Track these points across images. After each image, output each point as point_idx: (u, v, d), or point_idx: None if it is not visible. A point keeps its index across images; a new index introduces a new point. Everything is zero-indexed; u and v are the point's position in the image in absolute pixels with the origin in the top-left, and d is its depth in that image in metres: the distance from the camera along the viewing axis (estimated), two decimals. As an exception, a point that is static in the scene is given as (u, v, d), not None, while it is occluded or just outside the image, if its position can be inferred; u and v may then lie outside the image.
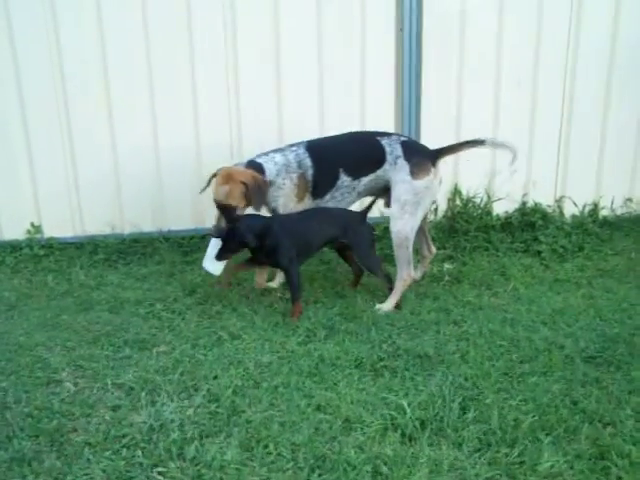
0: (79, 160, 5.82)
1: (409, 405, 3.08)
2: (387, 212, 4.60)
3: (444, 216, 5.96)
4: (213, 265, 4.45)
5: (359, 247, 4.45)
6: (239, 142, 5.81)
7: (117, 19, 5.54)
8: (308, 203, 4.58)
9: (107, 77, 5.65)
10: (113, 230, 5.96)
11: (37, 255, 5.74)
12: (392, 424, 2.97)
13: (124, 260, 5.62)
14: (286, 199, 4.47)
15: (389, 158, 4.46)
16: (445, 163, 5.62)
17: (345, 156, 4.54)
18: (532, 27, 5.76)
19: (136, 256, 5.67)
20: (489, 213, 5.94)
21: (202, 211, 5.83)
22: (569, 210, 6.11)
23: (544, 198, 6.04)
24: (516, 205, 6.04)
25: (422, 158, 4.47)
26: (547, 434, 2.87)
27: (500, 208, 6.00)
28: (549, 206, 6.05)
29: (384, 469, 2.65)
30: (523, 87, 5.84)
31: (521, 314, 4.24)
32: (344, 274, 5.01)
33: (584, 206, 6.13)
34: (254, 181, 4.27)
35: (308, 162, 4.44)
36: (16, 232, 5.96)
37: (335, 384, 3.35)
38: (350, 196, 4.64)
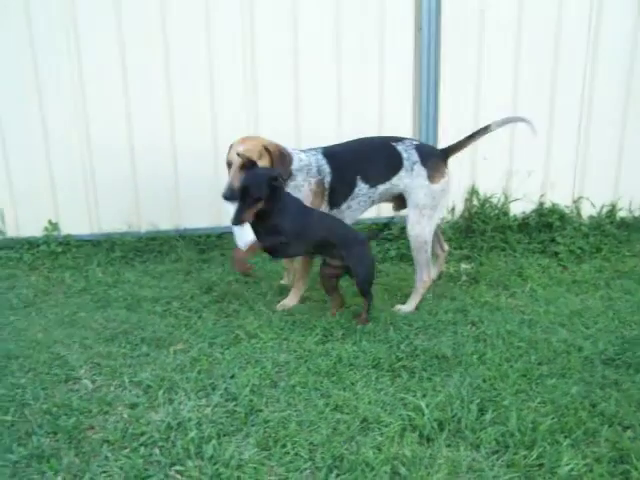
0: (96, 158, 5.85)
1: (427, 406, 3.07)
2: (403, 213, 4.57)
3: (461, 216, 5.95)
4: (245, 240, 4.00)
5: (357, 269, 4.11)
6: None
7: (136, 19, 5.57)
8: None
9: (125, 77, 5.67)
10: (130, 228, 5.98)
11: (54, 252, 5.77)
12: (410, 425, 2.97)
13: (141, 258, 5.63)
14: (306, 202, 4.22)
15: (406, 164, 4.35)
16: (461, 163, 5.66)
17: (362, 163, 4.37)
18: (551, 26, 5.73)
19: (153, 254, 5.69)
20: (506, 213, 5.92)
21: (219, 210, 5.83)
22: (587, 211, 6.08)
23: (562, 199, 6.01)
24: (533, 206, 6.01)
25: (437, 161, 4.38)
26: (566, 437, 2.85)
27: (517, 208, 5.98)
28: (567, 207, 6.02)
29: (402, 470, 2.64)
30: (542, 87, 5.81)
31: (539, 315, 4.22)
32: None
33: (602, 207, 6.10)
34: (277, 149, 4.10)
35: (326, 168, 4.27)
36: (34, 229, 5.98)
37: (353, 384, 3.34)
38: (365, 205, 4.49)
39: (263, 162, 4.00)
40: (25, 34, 5.55)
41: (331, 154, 4.33)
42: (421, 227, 4.34)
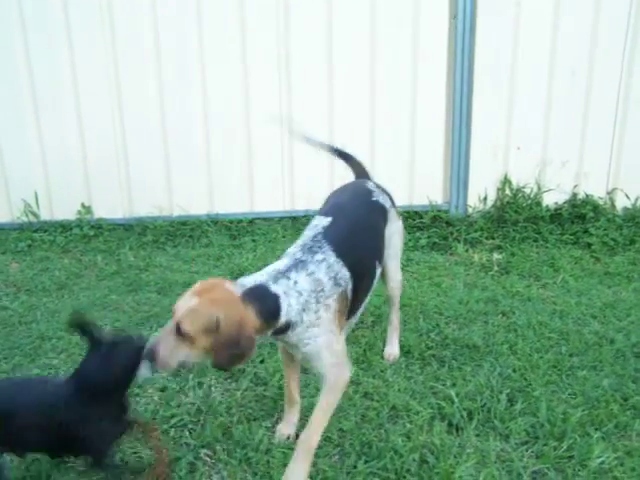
0: (130, 143, 5.88)
1: (457, 395, 3.07)
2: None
3: (493, 206, 5.90)
4: None
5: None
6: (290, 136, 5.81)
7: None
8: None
9: (159, 62, 5.69)
10: (161, 212, 6.01)
11: (87, 235, 5.81)
12: (439, 413, 2.97)
13: (172, 242, 5.66)
14: (327, 338, 2.60)
15: (389, 212, 3.29)
16: (495, 152, 5.63)
17: (368, 239, 3.05)
18: (589, 14, 5.64)
19: (184, 239, 5.71)
20: (539, 204, 5.86)
21: (251, 195, 5.85)
22: (621, 203, 6.00)
23: (595, 190, 5.93)
24: (566, 196, 5.95)
25: (389, 193, 3.44)
26: (597, 429, 2.84)
27: (550, 199, 5.91)
28: (600, 198, 5.94)
29: (431, 458, 2.65)
30: (577, 76, 5.74)
31: (570, 307, 4.19)
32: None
33: (636, 199, 6.01)
34: (235, 329, 2.30)
35: (346, 272, 2.68)
36: (67, 212, 6.04)
37: (382, 372, 3.34)
38: None
39: (203, 341, 2.32)
40: (62, 22, 5.61)
41: (341, 244, 2.75)
42: (399, 272, 3.53)
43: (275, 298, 2.41)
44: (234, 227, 5.85)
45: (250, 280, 2.42)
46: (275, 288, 2.41)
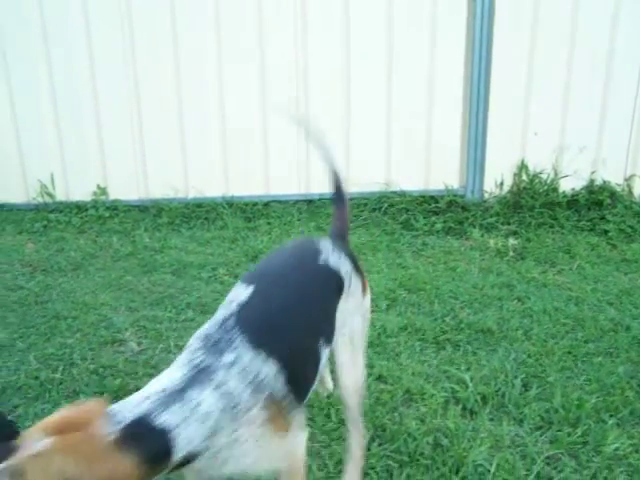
0: (145, 124, 5.89)
1: (471, 379, 3.07)
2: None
3: (509, 191, 5.86)
4: None
5: None
6: (305, 116, 5.80)
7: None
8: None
9: (176, 42, 5.69)
10: (177, 194, 6.02)
11: (102, 216, 5.83)
12: (454, 397, 2.97)
13: (187, 224, 5.66)
14: (259, 453, 1.84)
15: (345, 279, 2.28)
16: (512, 137, 5.59)
17: (308, 312, 2.11)
18: (609, 2, 5.60)
19: (199, 220, 5.71)
20: (555, 190, 5.83)
21: (266, 178, 5.85)
22: (639, 189, 5.96)
23: (613, 176, 5.88)
24: (584, 182, 5.90)
25: (357, 259, 2.46)
26: (611, 416, 2.83)
27: (567, 185, 5.87)
28: (618, 185, 5.90)
29: (444, 441, 2.65)
30: (597, 62, 5.68)
31: (586, 293, 4.17)
32: (407, 244, 4.99)
33: (655, 186, 5.99)
34: None
35: (270, 368, 1.83)
36: (82, 193, 6.06)
37: (397, 355, 3.34)
38: None
39: None
40: (80, 13, 5.61)
41: (257, 327, 1.90)
42: (357, 367, 2.42)
43: (163, 435, 1.59)
44: (249, 210, 5.84)
45: (130, 409, 1.57)
46: (164, 420, 1.59)
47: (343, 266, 2.27)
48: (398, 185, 5.83)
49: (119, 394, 3.01)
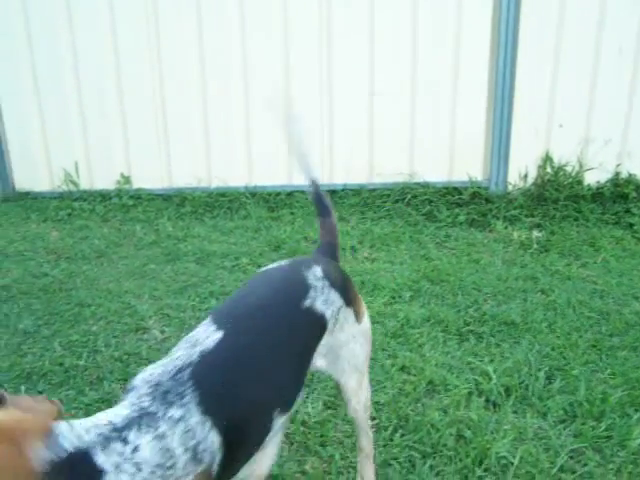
0: (169, 113, 5.91)
1: (494, 371, 3.06)
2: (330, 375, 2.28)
3: (533, 183, 5.83)
4: None
5: None
6: (330, 105, 5.79)
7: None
8: None
9: (200, 29, 5.69)
10: (200, 184, 6.03)
11: (126, 205, 5.85)
12: (477, 389, 2.96)
13: (211, 214, 5.67)
14: None
15: (329, 321, 2.03)
16: (537, 130, 5.55)
17: (281, 377, 1.86)
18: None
19: (222, 210, 5.71)
20: (580, 182, 5.78)
21: (290, 168, 5.84)
22: (665, 183, 5.91)
23: (639, 169, 5.84)
24: (609, 175, 5.85)
25: (350, 283, 2.24)
26: (636, 410, 2.81)
27: (592, 178, 5.82)
28: (644, 178, 5.86)
29: (467, 433, 2.64)
30: (624, 55, 5.63)
31: (611, 287, 4.13)
32: (430, 236, 4.98)
33: (680, 179, 5.93)
34: None
35: (214, 440, 1.59)
36: (106, 182, 6.10)
37: (420, 346, 3.33)
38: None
39: None
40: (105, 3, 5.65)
41: (212, 388, 1.65)
42: (364, 389, 2.31)
43: (98, 476, 1.39)
44: (272, 200, 5.84)
45: (75, 436, 1.39)
46: (102, 461, 1.40)
47: (331, 306, 2.02)
48: (422, 176, 5.81)
49: (143, 381, 3.04)
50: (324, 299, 1.99)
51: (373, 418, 2.76)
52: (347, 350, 2.17)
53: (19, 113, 6.05)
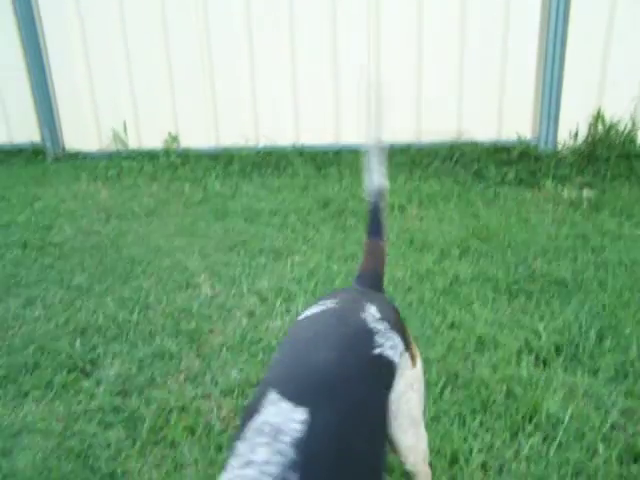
0: (217, 72, 5.91)
1: (544, 329, 3.03)
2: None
3: (584, 141, 5.74)
4: None
5: None
6: (377, 64, 5.73)
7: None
8: None
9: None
10: (247, 143, 6.04)
11: (174, 164, 5.91)
12: (527, 347, 2.94)
13: (258, 172, 5.68)
14: None
15: (398, 372, 1.67)
16: (587, 86, 5.43)
17: (377, 446, 1.46)
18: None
19: (270, 168, 5.73)
20: (632, 141, 5.67)
21: (338, 127, 5.82)
22: None
23: (695, 126, 5.72)
24: (663, 133, 5.75)
25: (404, 322, 1.87)
26: (690, 369, 2.78)
27: (645, 136, 5.73)
28: (699, 135, 5.73)
29: (517, 390, 2.63)
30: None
31: (664, 246, 4.07)
32: (479, 195, 4.93)
33: None
34: None
35: None
36: (154, 141, 6.15)
37: (469, 304, 3.32)
38: None
39: None
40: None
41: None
42: (422, 440, 1.89)
43: None
44: (320, 158, 5.83)
45: None
46: None
47: (396, 349, 1.64)
48: (470, 135, 5.75)
49: (194, 337, 3.08)
50: (391, 345, 1.61)
51: (426, 373, 2.77)
52: (405, 401, 1.74)
53: (69, 74, 6.12)
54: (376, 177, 1.98)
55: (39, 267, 3.98)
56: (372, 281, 1.94)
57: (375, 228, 1.98)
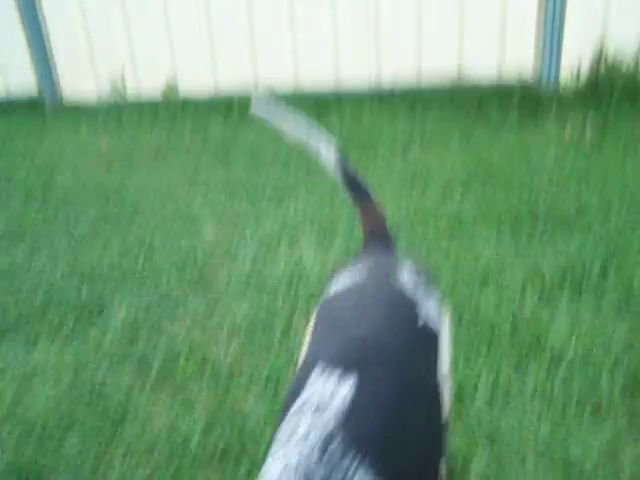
0: (214, 18, 5.85)
1: (548, 265, 3.05)
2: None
3: (587, 81, 5.67)
4: None
5: None
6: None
7: None
8: None
9: None
10: (246, 90, 6.01)
11: (173, 113, 5.87)
12: (531, 283, 2.95)
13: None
14: None
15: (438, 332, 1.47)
16: (591, 24, 5.36)
17: (426, 417, 1.25)
18: None
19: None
20: (635, 79, 5.61)
21: (337, 71, 5.77)
22: None
23: None
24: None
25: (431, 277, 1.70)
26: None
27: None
28: None
29: (522, 326, 2.65)
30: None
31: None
32: (481, 136, 4.91)
33: None
34: None
35: None
36: (153, 91, 6.11)
37: (472, 240, 3.33)
38: None
39: None
40: None
41: (380, 449, 1.05)
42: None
43: None
44: (321, 104, 5.77)
45: None
46: None
47: (438, 319, 1.47)
48: (471, 76, 5.70)
49: (199, 283, 3.10)
50: (431, 314, 1.45)
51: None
52: (443, 361, 1.49)
53: (65, 25, 6.06)
54: (323, 151, 1.75)
55: (42, 217, 3.99)
56: (385, 240, 1.79)
57: (360, 191, 1.79)
